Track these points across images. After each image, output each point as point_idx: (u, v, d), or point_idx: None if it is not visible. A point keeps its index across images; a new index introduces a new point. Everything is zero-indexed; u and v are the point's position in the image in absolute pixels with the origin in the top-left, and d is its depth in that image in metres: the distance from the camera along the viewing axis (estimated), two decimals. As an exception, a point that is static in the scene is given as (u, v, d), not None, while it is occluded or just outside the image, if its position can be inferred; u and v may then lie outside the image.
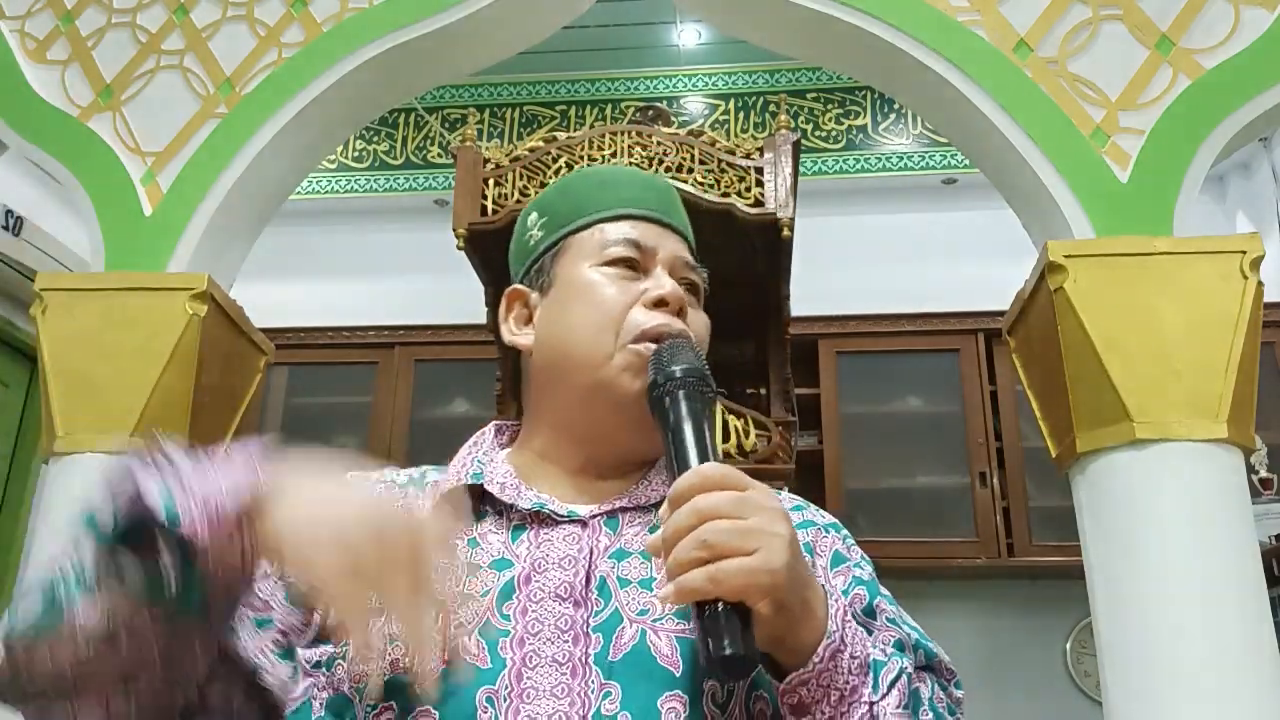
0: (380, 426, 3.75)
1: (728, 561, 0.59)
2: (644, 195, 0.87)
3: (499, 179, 2.28)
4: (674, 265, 0.83)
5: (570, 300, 0.82)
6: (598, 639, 0.69)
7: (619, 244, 0.82)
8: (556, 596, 0.70)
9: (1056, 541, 3.26)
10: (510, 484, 0.79)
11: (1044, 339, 1.98)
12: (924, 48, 2.09)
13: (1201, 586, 1.74)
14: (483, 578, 0.72)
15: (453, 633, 0.67)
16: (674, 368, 0.72)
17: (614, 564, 0.73)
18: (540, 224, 0.88)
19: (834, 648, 0.64)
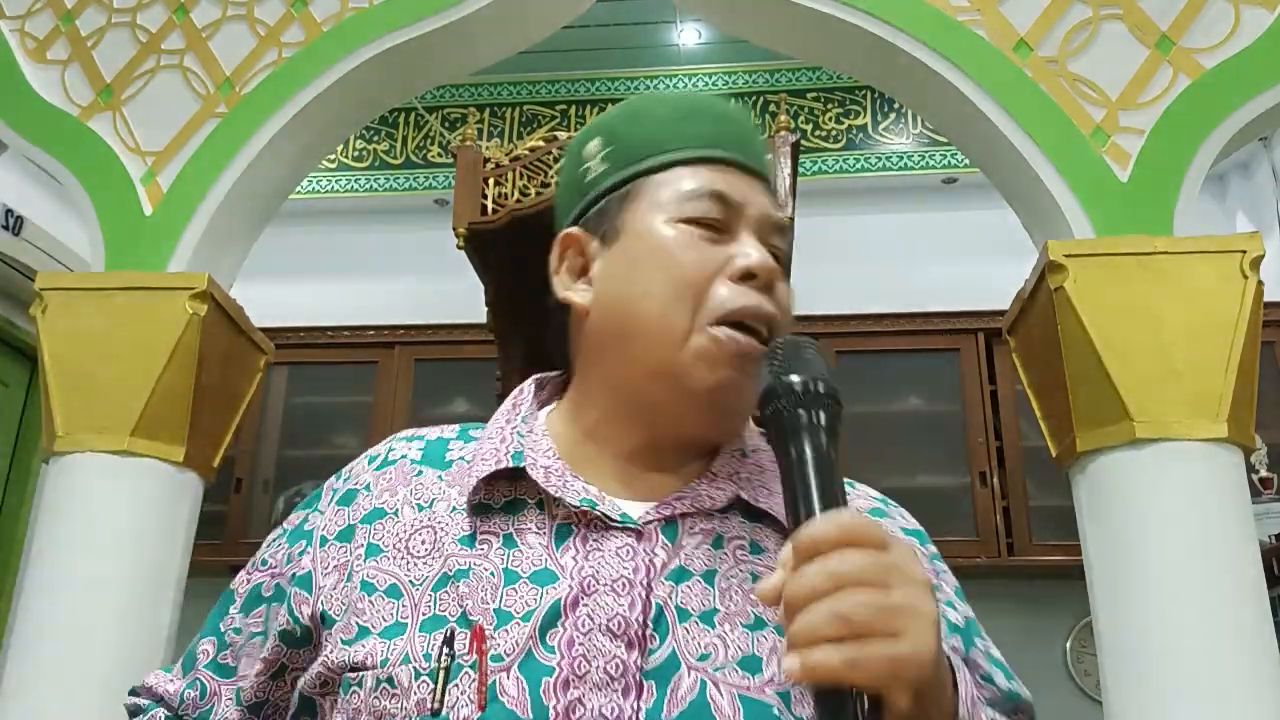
0: (380, 426, 3.75)
1: (871, 646, 0.49)
2: (729, 134, 0.72)
3: (499, 179, 2.28)
4: (762, 226, 0.70)
5: (641, 259, 0.69)
6: (650, 689, 0.59)
7: (702, 197, 0.69)
8: (608, 631, 0.60)
9: (1056, 541, 3.26)
10: (555, 469, 0.68)
11: (1044, 339, 1.98)
12: (924, 47, 2.09)
13: (1201, 586, 1.74)
14: (522, 593, 0.62)
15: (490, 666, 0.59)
16: (796, 377, 0.59)
17: (672, 588, 0.63)
18: (603, 155, 0.74)
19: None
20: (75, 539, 1.98)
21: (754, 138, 0.75)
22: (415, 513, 0.68)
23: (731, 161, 0.71)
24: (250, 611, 0.74)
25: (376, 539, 0.68)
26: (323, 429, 3.90)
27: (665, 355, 0.67)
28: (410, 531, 0.67)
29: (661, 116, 0.73)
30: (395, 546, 0.67)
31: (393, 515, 0.69)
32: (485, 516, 0.67)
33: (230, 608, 0.76)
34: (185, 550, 2.11)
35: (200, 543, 2.24)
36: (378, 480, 0.72)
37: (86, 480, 2.02)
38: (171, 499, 2.08)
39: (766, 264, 0.68)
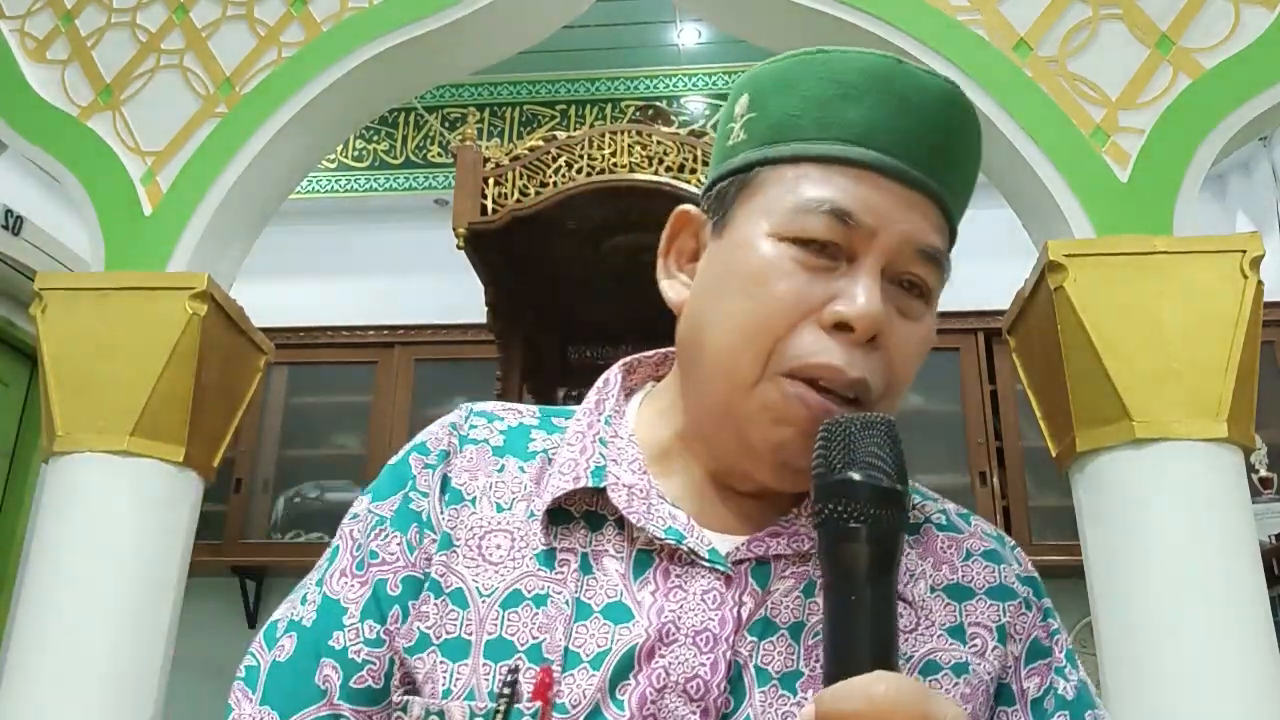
0: (380, 426, 3.75)
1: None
2: (894, 127, 0.57)
3: (499, 178, 2.28)
4: (899, 255, 0.57)
5: (730, 274, 0.59)
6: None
7: (817, 213, 0.56)
8: (684, 694, 0.54)
9: (1056, 541, 3.26)
10: (639, 488, 0.60)
11: (1044, 338, 1.98)
12: (924, 47, 2.09)
13: (1201, 586, 1.74)
14: (595, 632, 0.56)
15: (554, 718, 0.53)
16: (854, 474, 0.49)
17: (754, 644, 0.56)
18: (746, 121, 0.61)
19: None
20: (75, 539, 1.98)
21: (941, 136, 0.58)
22: (494, 512, 0.61)
23: (881, 167, 0.57)
24: (387, 616, 0.60)
25: (450, 526, 0.60)
26: (323, 429, 3.90)
27: (731, 398, 0.58)
28: (485, 531, 0.60)
29: (817, 90, 0.58)
30: (468, 543, 0.60)
31: (470, 504, 0.61)
32: (564, 528, 0.60)
33: (345, 621, 0.61)
34: (185, 550, 2.11)
35: (200, 543, 2.24)
36: (460, 458, 0.64)
37: (86, 480, 2.02)
38: (171, 499, 2.08)
39: (869, 315, 0.55)
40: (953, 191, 0.59)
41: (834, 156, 0.57)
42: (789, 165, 0.58)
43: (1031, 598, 0.66)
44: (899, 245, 0.57)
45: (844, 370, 0.55)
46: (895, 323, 0.57)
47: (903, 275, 0.58)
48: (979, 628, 0.62)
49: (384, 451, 3.67)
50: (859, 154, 0.57)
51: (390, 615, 0.60)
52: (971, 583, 0.63)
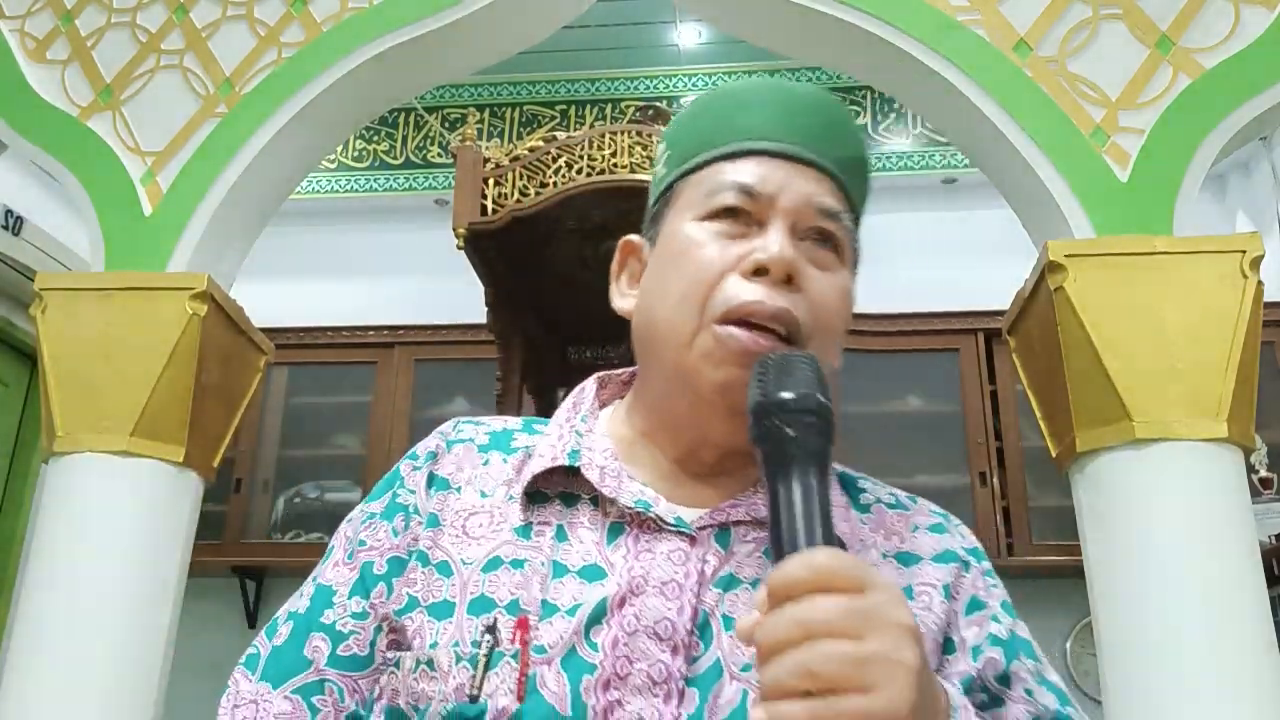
0: (380, 426, 3.75)
1: (839, 702, 0.46)
2: (780, 121, 0.69)
3: (499, 179, 2.28)
4: (800, 213, 0.66)
5: (664, 261, 0.69)
6: (693, 696, 0.58)
7: (727, 190, 0.66)
8: (654, 635, 0.59)
9: (1056, 541, 3.26)
10: (611, 469, 0.67)
11: (1044, 339, 1.98)
12: (924, 48, 2.09)
13: (1201, 586, 1.74)
14: (570, 587, 0.62)
15: (532, 657, 0.59)
16: (786, 393, 0.55)
17: (720, 595, 0.62)
18: (665, 157, 0.74)
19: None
20: (75, 539, 1.98)
21: (820, 121, 0.69)
22: (477, 498, 0.68)
23: (775, 152, 0.67)
24: (371, 592, 0.67)
25: (437, 508, 0.68)
26: (322, 429, 3.90)
27: (677, 357, 0.66)
28: (469, 513, 0.67)
29: (717, 111, 0.71)
30: (452, 524, 0.67)
31: (455, 492, 0.69)
32: (541, 506, 0.67)
33: (334, 599, 0.68)
34: (185, 550, 2.11)
35: (200, 543, 2.24)
36: (448, 457, 0.72)
37: (86, 480, 2.02)
38: (171, 499, 2.08)
39: (781, 257, 0.64)
40: (842, 166, 0.70)
41: (736, 150, 0.68)
42: (702, 169, 0.69)
43: (972, 561, 0.72)
44: (798, 206, 0.66)
45: (765, 302, 0.63)
46: (810, 270, 0.66)
47: (809, 231, 0.67)
48: (926, 586, 0.68)
49: (384, 451, 3.67)
50: (756, 144, 0.68)
51: (375, 590, 0.67)
52: (918, 550, 0.70)
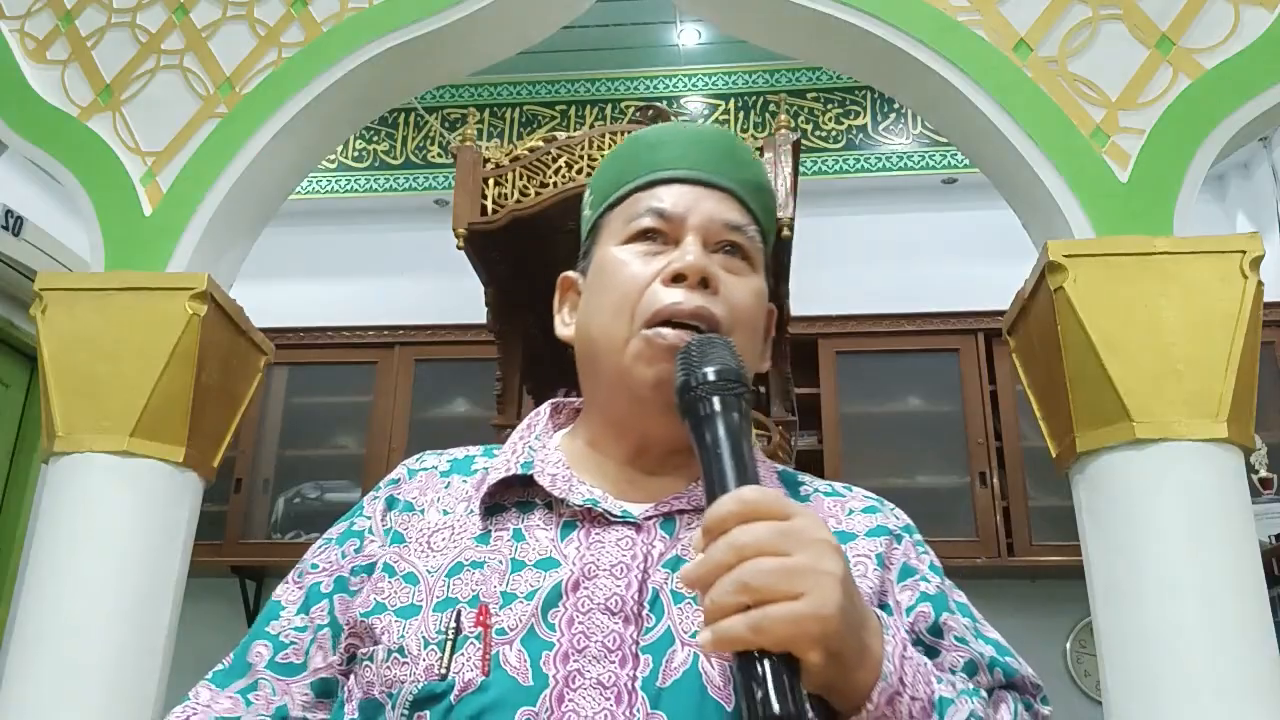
0: (380, 426, 3.75)
1: (772, 608, 0.53)
2: (685, 153, 0.78)
3: (499, 179, 2.28)
4: (709, 229, 0.75)
5: (596, 284, 0.77)
6: (647, 661, 0.63)
7: (643, 215, 0.76)
8: (606, 609, 0.64)
9: (1056, 541, 3.26)
10: (561, 475, 0.74)
11: (1044, 339, 1.98)
12: (924, 48, 2.09)
13: (1201, 586, 1.74)
14: (527, 577, 0.67)
15: (494, 639, 0.64)
16: (705, 369, 0.63)
17: (668, 574, 0.67)
18: (589, 201, 0.83)
19: (891, 692, 0.58)
20: (75, 539, 1.98)
21: (720, 151, 0.79)
22: (440, 515, 0.74)
23: (681, 179, 0.77)
24: (311, 608, 0.74)
25: (401, 528, 0.74)
26: (322, 429, 3.90)
27: (614, 364, 0.73)
28: (432, 530, 0.73)
29: (629, 152, 0.81)
30: (417, 540, 0.72)
31: (419, 513, 0.75)
32: (499, 516, 0.72)
33: (281, 614, 0.76)
34: (185, 550, 2.11)
35: (200, 543, 2.24)
36: (411, 483, 0.79)
37: (86, 480, 2.02)
38: (171, 499, 2.08)
39: (695, 264, 0.72)
40: (743, 187, 0.78)
41: (649, 181, 0.77)
42: (621, 203, 0.78)
43: (904, 535, 0.77)
44: (706, 223, 0.75)
45: (683, 303, 0.71)
46: (723, 275, 0.74)
47: (719, 244, 0.75)
48: (860, 558, 0.72)
49: (383, 451, 3.67)
50: (666, 174, 0.77)
51: (316, 608, 0.74)
52: (853, 529, 0.75)
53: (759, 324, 0.77)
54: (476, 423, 3.48)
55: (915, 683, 0.60)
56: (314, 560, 0.78)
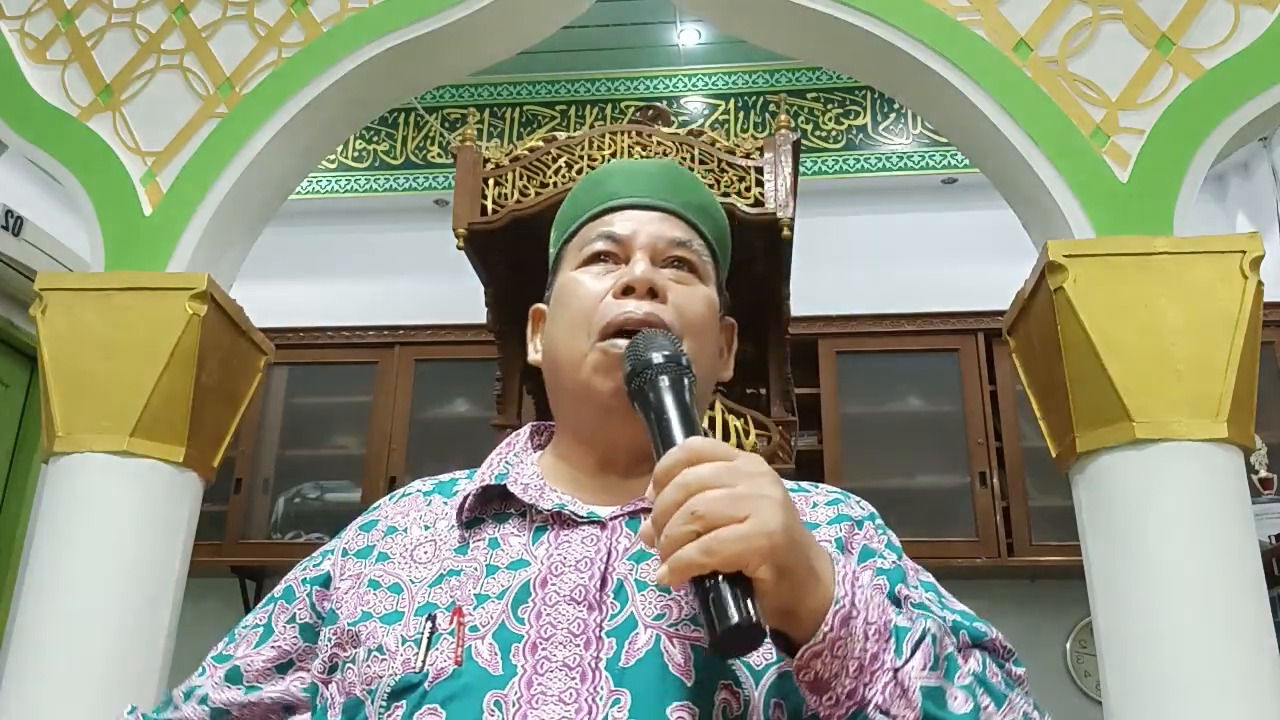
0: (380, 426, 3.75)
1: (721, 530, 0.57)
2: (630, 183, 0.85)
3: (499, 179, 2.28)
4: (655, 246, 0.81)
5: (557, 307, 0.83)
6: (611, 644, 0.66)
7: (595, 240, 0.82)
8: (571, 600, 0.68)
9: (1056, 541, 3.26)
10: (534, 485, 0.78)
11: (1044, 339, 1.98)
12: (924, 48, 2.09)
13: (1201, 586, 1.74)
14: (500, 579, 0.71)
15: (467, 635, 0.68)
16: (650, 355, 0.70)
17: (633, 566, 0.71)
18: (553, 240, 0.89)
19: (844, 613, 0.60)
20: (75, 539, 1.98)
21: (663, 179, 0.86)
22: (422, 531, 0.79)
23: (628, 205, 0.84)
24: (258, 611, 0.84)
25: (387, 549, 0.79)
26: (322, 429, 3.90)
27: (575, 376, 0.78)
28: (415, 545, 0.78)
29: (582, 188, 0.88)
30: (401, 555, 0.77)
31: (403, 532, 0.79)
32: (478, 529, 0.77)
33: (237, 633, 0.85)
34: (185, 550, 2.11)
35: (200, 543, 2.24)
36: (395, 509, 0.83)
37: (86, 480, 2.02)
38: (171, 499, 2.08)
39: (642, 276, 0.78)
40: (688, 208, 0.85)
41: (599, 210, 0.84)
42: (577, 233, 0.85)
43: (865, 520, 0.80)
44: (653, 241, 0.81)
45: (634, 312, 0.76)
46: (672, 286, 0.80)
47: (666, 260, 0.81)
48: (822, 543, 0.72)
49: (383, 451, 3.67)
50: (614, 202, 0.84)
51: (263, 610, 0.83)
52: (816, 520, 0.78)
53: (710, 329, 0.82)
54: (476, 423, 3.48)
55: (868, 607, 0.62)
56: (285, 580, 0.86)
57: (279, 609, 0.82)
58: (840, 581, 0.61)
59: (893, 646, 0.61)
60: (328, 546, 0.84)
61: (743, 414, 2.28)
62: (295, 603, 0.81)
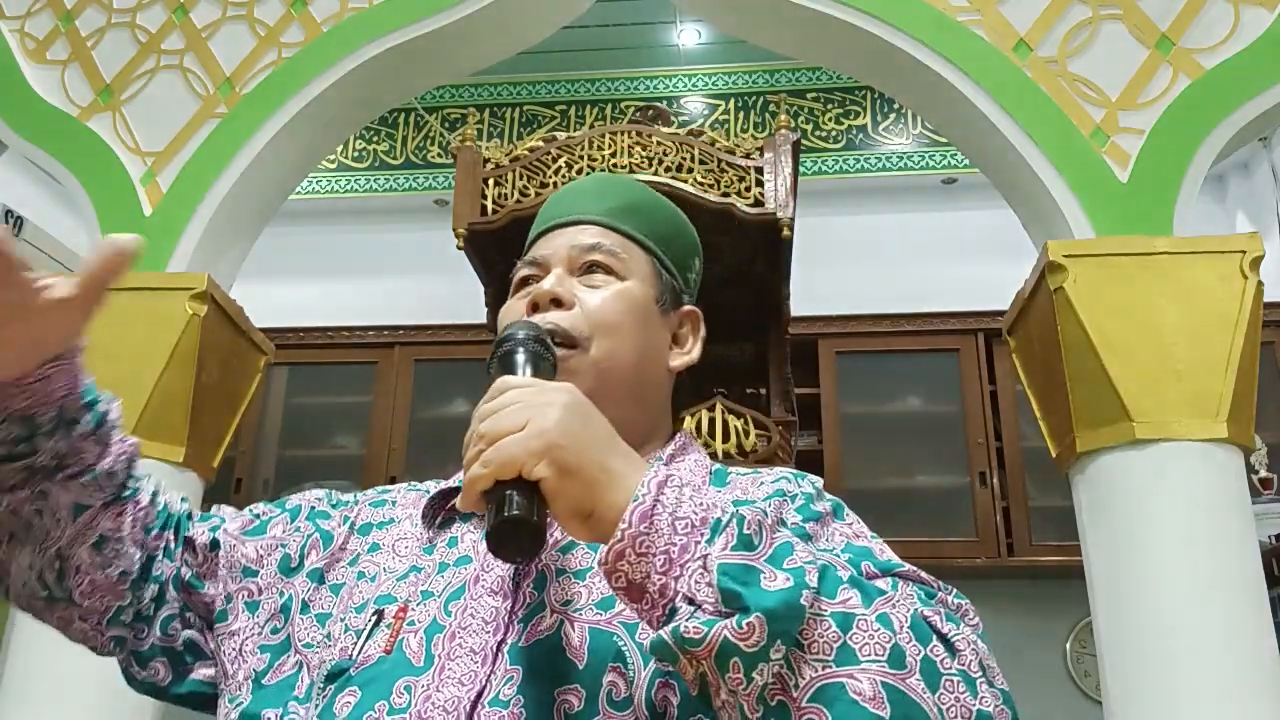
0: (380, 426, 3.75)
1: (501, 443, 0.60)
2: (556, 206, 0.91)
3: (499, 179, 2.28)
4: (570, 258, 0.86)
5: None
6: (518, 629, 0.68)
7: (522, 267, 0.88)
8: (491, 592, 0.71)
9: (1056, 541, 3.26)
10: None
11: (1044, 339, 1.98)
12: (924, 48, 2.09)
13: (1201, 586, 1.74)
14: (446, 576, 0.74)
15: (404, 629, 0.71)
16: (507, 335, 0.74)
17: (558, 557, 0.73)
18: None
19: (644, 509, 0.57)
20: (75, 539, 1.98)
21: (588, 192, 0.91)
22: (410, 525, 0.82)
23: (548, 228, 0.89)
24: (270, 503, 0.86)
25: (380, 539, 0.82)
26: (322, 429, 3.90)
27: None
28: (398, 539, 0.81)
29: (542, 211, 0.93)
30: (388, 547, 0.81)
31: (394, 524, 0.83)
32: (448, 528, 0.80)
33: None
34: (185, 550, 2.11)
35: (200, 543, 2.24)
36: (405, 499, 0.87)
37: (86, 480, 2.02)
38: (171, 499, 2.08)
39: (541, 289, 0.83)
40: (610, 214, 0.89)
41: (534, 237, 0.91)
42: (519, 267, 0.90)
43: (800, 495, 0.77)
44: (567, 254, 0.86)
45: (537, 325, 0.79)
46: (581, 290, 0.84)
47: (582, 266, 0.86)
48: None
49: (383, 451, 3.67)
50: (544, 226, 0.90)
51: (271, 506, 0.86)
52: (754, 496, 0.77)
53: (627, 323, 0.84)
54: (476, 423, 3.48)
55: (679, 504, 0.58)
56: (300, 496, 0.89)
57: (278, 521, 0.84)
58: (645, 481, 0.59)
59: (707, 537, 0.57)
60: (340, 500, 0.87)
61: (743, 414, 2.28)
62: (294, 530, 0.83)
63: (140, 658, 0.80)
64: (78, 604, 0.78)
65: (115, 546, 0.78)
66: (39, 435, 0.74)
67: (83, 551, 0.77)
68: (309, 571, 0.79)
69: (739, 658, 0.53)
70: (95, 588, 0.77)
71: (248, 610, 0.79)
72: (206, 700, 0.80)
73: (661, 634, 0.55)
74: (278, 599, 0.78)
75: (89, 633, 0.79)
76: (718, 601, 0.54)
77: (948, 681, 0.56)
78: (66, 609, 0.78)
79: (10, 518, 0.75)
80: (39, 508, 0.75)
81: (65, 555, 0.77)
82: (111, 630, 0.79)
